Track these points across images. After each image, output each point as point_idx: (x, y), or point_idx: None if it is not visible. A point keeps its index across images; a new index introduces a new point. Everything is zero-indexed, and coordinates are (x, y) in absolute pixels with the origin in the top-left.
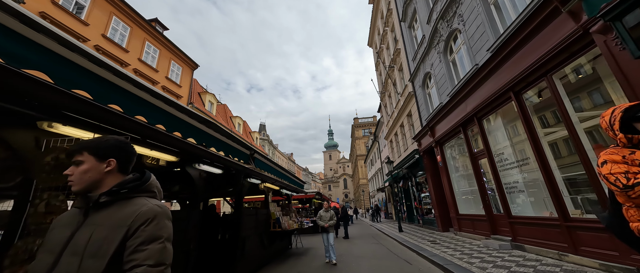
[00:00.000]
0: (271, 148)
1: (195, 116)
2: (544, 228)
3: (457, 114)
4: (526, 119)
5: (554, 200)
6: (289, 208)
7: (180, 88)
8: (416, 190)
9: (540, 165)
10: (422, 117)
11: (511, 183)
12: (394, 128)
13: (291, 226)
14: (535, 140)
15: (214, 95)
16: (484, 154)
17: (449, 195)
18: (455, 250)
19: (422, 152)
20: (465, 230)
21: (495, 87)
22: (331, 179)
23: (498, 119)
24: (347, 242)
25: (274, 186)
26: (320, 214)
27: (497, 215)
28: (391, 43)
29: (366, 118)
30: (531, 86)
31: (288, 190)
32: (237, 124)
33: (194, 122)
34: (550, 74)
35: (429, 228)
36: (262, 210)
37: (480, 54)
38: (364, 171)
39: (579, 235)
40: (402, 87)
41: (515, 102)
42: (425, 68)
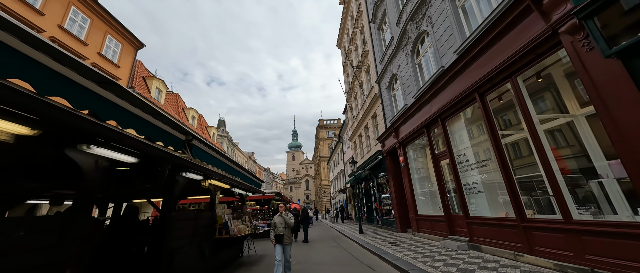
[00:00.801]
0: (230, 146)
1: (85, 70)
2: (501, 229)
3: (421, 115)
4: (489, 119)
5: (512, 200)
6: (243, 210)
7: (117, 68)
8: (377, 191)
9: (500, 166)
10: (387, 119)
11: (471, 184)
12: (358, 129)
13: (242, 231)
14: (496, 140)
15: (163, 81)
16: (445, 155)
17: (410, 196)
18: (417, 252)
19: (385, 154)
20: (423, 230)
21: (460, 89)
22: (293, 180)
23: (461, 120)
24: (306, 246)
25: (223, 184)
26: (274, 221)
27: (455, 216)
28: (360, 45)
29: (331, 120)
30: (496, 87)
31: (241, 190)
32: (191, 117)
33: (82, 80)
34: (515, 75)
35: (388, 228)
36: (205, 213)
37: (447, 56)
38: (326, 172)
39: (534, 235)
40: (368, 89)
41: (480, 102)
42: (392, 70)
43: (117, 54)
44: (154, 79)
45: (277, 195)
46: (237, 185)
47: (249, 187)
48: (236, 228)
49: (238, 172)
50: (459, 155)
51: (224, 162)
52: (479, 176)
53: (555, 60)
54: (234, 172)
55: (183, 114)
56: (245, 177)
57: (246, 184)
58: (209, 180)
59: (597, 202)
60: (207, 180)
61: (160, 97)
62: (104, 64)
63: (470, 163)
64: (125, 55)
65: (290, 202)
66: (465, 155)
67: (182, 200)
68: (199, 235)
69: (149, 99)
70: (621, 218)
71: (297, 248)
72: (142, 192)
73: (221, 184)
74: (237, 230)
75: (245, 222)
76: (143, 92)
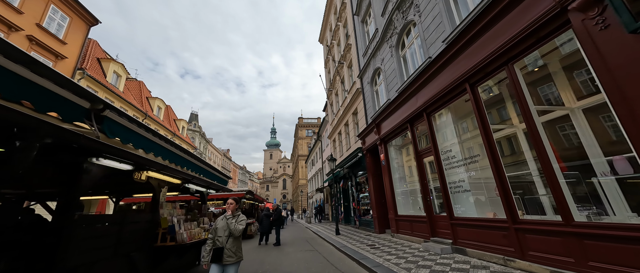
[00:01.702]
0: (203, 142)
1: None
2: (489, 231)
3: (405, 109)
4: (480, 112)
5: (503, 200)
6: (200, 211)
7: (63, 45)
8: (355, 191)
9: (492, 163)
10: (368, 115)
11: (457, 182)
12: (338, 126)
13: (197, 236)
14: (488, 135)
15: (123, 66)
16: (430, 152)
17: (390, 196)
18: (398, 257)
19: (366, 151)
20: (403, 231)
21: (449, 79)
22: (270, 179)
23: (448, 114)
24: (277, 250)
25: (170, 178)
26: (215, 227)
27: (438, 217)
28: (342, 39)
29: (311, 118)
30: (489, 76)
31: (199, 186)
32: (157, 107)
33: None
34: (512, 62)
35: (366, 229)
36: (142, 215)
37: (435, 46)
38: (304, 172)
39: (528, 238)
40: (350, 84)
41: (471, 94)
42: (375, 63)
43: (63, 28)
44: (112, 61)
45: (248, 193)
46: (191, 180)
47: (209, 183)
48: (186, 232)
49: (193, 164)
50: (444, 151)
51: (170, 150)
52: (465, 174)
53: (552, 49)
54: (187, 164)
55: (147, 104)
56: (204, 171)
57: (206, 180)
58: (145, 172)
59: (601, 202)
60: (143, 171)
61: (119, 83)
62: (45, 38)
63: (457, 160)
64: (75, 31)
65: (264, 202)
66: (452, 152)
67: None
68: (128, 244)
69: (106, 85)
70: (629, 220)
71: (266, 252)
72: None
73: (167, 178)
74: (187, 235)
75: (203, 225)
76: (97, 76)
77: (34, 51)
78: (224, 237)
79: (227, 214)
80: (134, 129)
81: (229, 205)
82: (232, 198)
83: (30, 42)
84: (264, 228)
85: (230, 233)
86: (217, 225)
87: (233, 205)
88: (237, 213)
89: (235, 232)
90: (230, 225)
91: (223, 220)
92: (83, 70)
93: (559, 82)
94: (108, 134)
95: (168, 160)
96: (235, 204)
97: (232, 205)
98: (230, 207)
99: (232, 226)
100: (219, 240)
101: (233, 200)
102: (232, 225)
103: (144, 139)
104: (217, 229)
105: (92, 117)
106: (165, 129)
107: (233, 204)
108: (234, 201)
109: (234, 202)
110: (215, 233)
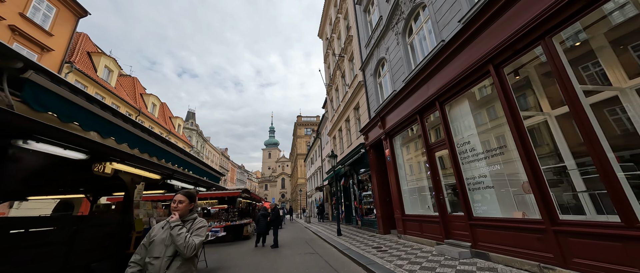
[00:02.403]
0: (201, 141)
1: None
2: (519, 233)
3: (414, 100)
4: (508, 97)
5: (538, 197)
6: None
7: (50, 37)
8: (357, 189)
9: (523, 155)
10: (371, 109)
11: (476, 177)
12: (338, 122)
13: None
14: (518, 123)
15: (115, 60)
16: (443, 145)
17: (396, 194)
18: (411, 262)
19: (369, 147)
20: (411, 232)
21: (467, 63)
22: (269, 178)
23: (465, 102)
24: (274, 253)
25: (145, 172)
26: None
27: (452, 216)
28: (343, 31)
29: (310, 117)
30: (519, 54)
31: (185, 183)
32: (151, 104)
33: None
34: (549, 35)
35: (369, 229)
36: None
37: (449, 27)
38: (303, 170)
39: (571, 243)
40: (351, 78)
41: (495, 77)
42: (379, 54)
43: (49, 19)
44: (103, 55)
45: (244, 192)
46: (173, 175)
47: (198, 180)
48: None
49: (178, 158)
50: (461, 143)
51: (143, 137)
52: (487, 168)
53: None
54: (167, 156)
55: (141, 100)
56: (191, 166)
57: (193, 176)
58: (108, 164)
59: None
60: (105, 162)
61: (110, 78)
62: (30, 28)
63: (477, 153)
64: (62, 22)
65: (262, 201)
66: (470, 144)
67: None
68: (88, 252)
69: (96, 79)
70: None
71: (263, 255)
72: None
73: (142, 173)
74: None
75: None
76: (87, 70)
77: (17, 42)
78: (162, 259)
79: (171, 219)
80: (80, 104)
81: (175, 206)
82: (182, 193)
83: (13, 32)
84: (261, 229)
85: (175, 253)
86: (152, 238)
87: (183, 205)
88: (191, 217)
89: (185, 250)
90: (175, 238)
91: (163, 228)
92: (71, 63)
93: (604, 58)
94: (34, 106)
95: (138, 148)
96: (188, 203)
97: (182, 205)
98: (179, 208)
99: (179, 240)
100: (151, 266)
101: (184, 197)
102: (180, 238)
103: (99, 119)
104: (151, 245)
105: (3, 80)
106: (161, 126)
107: (184, 203)
108: (186, 198)
109: (185, 200)
110: (146, 252)
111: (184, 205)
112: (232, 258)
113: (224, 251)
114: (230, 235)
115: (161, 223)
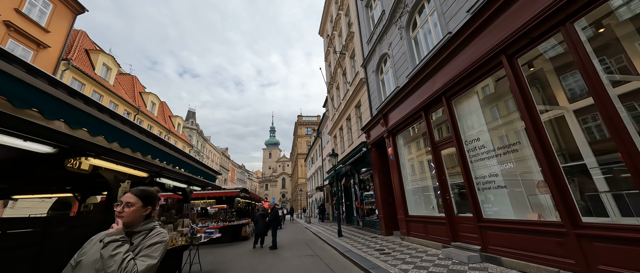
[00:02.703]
0: (201, 140)
1: None
2: (535, 237)
3: (418, 96)
4: (523, 90)
5: (558, 198)
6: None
7: (46, 33)
8: (358, 189)
9: (540, 152)
10: (373, 106)
11: (486, 176)
12: (339, 121)
13: (171, 243)
14: (534, 118)
15: (113, 58)
16: (450, 142)
17: (399, 193)
18: (417, 266)
19: (370, 145)
20: (415, 234)
21: (476, 55)
22: (269, 178)
23: (474, 97)
24: (272, 255)
25: (132, 170)
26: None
27: (459, 217)
28: (344, 28)
29: (311, 116)
30: (536, 43)
31: (177, 182)
32: (151, 103)
33: None
34: (570, 20)
35: (370, 230)
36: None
37: (457, 18)
38: (303, 170)
39: (596, 248)
40: (352, 76)
41: (508, 68)
42: (381, 49)
43: (46, 15)
44: (101, 53)
45: (242, 191)
46: (162, 173)
47: (191, 178)
48: None
49: (165, 154)
50: (470, 140)
51: (119, 128)
52: (498, 167)
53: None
54: (153, 152)
55: (140, 99)
56: (184, 164)
57: (185, 174)
58: (84, 159)
59: None
60: (81, 157)
61: (109, 76)
62: (25, 24)
63: (487, 151)
64: (59, 18)
65: (262, 201)
66: (480, 141)
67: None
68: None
69: (93, 76)
70: None
71: (260, 258)
72: None
73: (127, 170)
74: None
75: (180, 229)
76: (85, 68)
77: (12, 39)
78: None
79: (111, 231)
80: (40, 86)
81: (119, 211)
82: (134, 192)
83: (8, 28)
84: (259, 229)
85: None
86: (81, 257)
87: (132, 210)
88: (145, 226)
89: None
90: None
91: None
92: (68, 60)
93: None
94: None
95: (118, 142)
96: (140, 206)
97: (130, 209)
98: (125, 214)
99: (110, 265)
100: None
101: (135, 198)
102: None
103: (65, 106)
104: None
105: None
106: (160, 125)
107: (134, 207)
108: (139, 199)
109: (136, 203)
110: None
111: (132, 210)
112: (228, 261)
113: (221, 252)
114: (228, 235)
115: (102, 234)
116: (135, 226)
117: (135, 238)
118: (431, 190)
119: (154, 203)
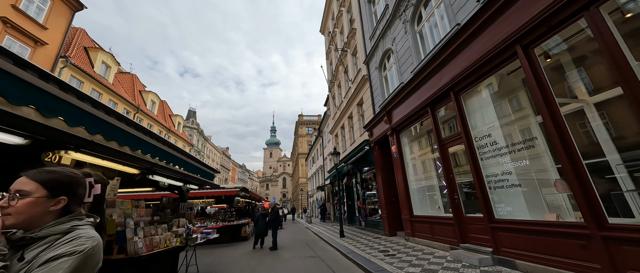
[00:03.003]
0: (202, 139)
1: None
2: (554, 239)
3: (424, 91)
4: (540, 82)
5: (580, 197)
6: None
7: (44, 30)
8: (361, 188)
9: (560, 147)
10: (376, 104)
11: (499, 175)
12: (341, 120)
13: (162, 244)
14: (553, 111)
15: (113, 56)
16: (459, 139)
17: (403, 193)
18: (425, 270)
19: (373, 144)
20: (420, 235)
21: (487, 46)
22: (270, 178)
23: (485, 91)
24: (272, 256)
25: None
26: None
27: (469, 218)
28: (346, 25)
29: (311, 116)
30: (555, 31)
31: (172, 179)
32: (151, 101)
33: None
34: (595, 4)
35: (373, 231)
36: None
37: (466, 9)
38: (304, 170)
39: (626, 252)
40: (354, 73)
41: (524, 59)
42: (384, 45)
43: (44, 11)
44: (100, 51)
45: (242, 190)
46: (154, 170)
47: (186, 176)
48: (145, 240)
49: (157, 149)
50: (480, 136)
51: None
52: (512, 164)
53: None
54: (143, 147)
55: (140, 97)
56: (177, 160)
57: (181, 172)
58: (64, 152)
59: None
60: (60, 151)
61: (108, 74)
62: (22, 21)
63: (499, 148)
64: (57, 15)
65: (262, 200)
66: (491, 137)
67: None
68: None
69: (92, 75)
70: None
71: (260, 259)
72: None
73: (116, 166)
74: (145, 243)
75: (176, 229)
76: (84, 66)
77: (9, 35)
78: None
79: None
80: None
81: (4, 203)
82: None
83: (5, 24)
84: (259, 229)
85: None
86: None
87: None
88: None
89: None
90: None
91: None
92: (66, 58)
93: None
94: None
95: (102, 134)
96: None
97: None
98: (12, 209)
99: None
100: None
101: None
102: None
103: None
104: None
105: None
106: (160, 124)
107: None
108: (39, 185)
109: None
110: None
111: (28, 203)
112: (226, 262)
113: (219, 253)
114: (227, 236)
115: None
116: (38, 228)
117: (33, 249)
118: (437, 189)
119: (72, 191)
